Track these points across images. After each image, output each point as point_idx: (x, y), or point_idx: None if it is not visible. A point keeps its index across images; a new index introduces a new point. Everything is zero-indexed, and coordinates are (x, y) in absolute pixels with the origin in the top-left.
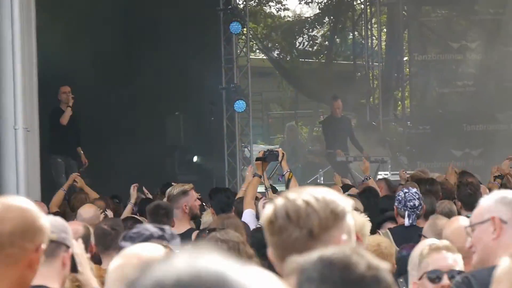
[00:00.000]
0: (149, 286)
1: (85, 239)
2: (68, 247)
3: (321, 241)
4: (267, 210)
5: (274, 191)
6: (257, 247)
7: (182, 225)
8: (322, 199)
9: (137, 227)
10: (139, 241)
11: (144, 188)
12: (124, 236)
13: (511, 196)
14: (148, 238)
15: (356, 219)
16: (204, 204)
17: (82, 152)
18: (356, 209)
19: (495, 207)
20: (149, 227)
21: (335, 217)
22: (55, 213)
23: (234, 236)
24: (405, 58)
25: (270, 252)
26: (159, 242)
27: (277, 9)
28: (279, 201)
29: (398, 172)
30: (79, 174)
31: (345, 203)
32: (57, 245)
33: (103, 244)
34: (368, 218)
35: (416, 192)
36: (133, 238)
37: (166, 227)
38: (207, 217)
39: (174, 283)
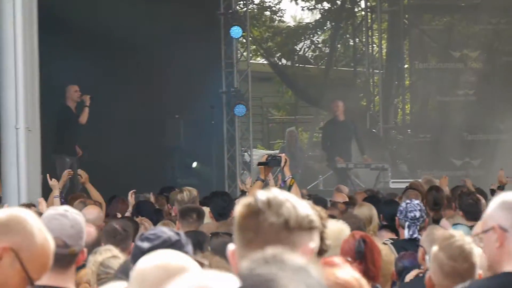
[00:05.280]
0: None
1: (97, 241)
2: None
3: (292, 237)
4: (246, 198)
5: None
6: None
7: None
8: (301, 203)
9: (154, 229)
10: (156, 242)
11: (130, 196)
12: (141, 236)
13: (510, 199)
14: (166, 241)
15: (331, 226)
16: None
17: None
18: (370, 216)
19: (496, 214)
20: (166, 230)
21: (309, 223)
22: None
23: None
24: (406, 66)
25: (236, 237)
26: (176, 246)
27: (279, 16)
28: (261, 192)
29: (398, 180)
30: (71, 172)
31: (318, 221)
32: None
33: (112, 243)
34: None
35: (418, 204)
36: (151, 240)
37: (181, 232)
38: (206, 221)
39: None
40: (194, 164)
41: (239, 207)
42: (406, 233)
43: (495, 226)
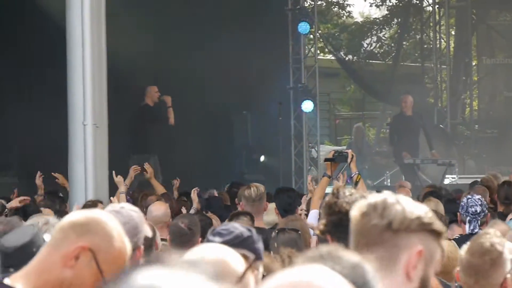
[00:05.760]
0: None
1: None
2: None
3: (398, 239)
4: (361, 202)
5: None
6: None
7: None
8: (416, 206)
9: (226, 224)
10: (228, 238)
11: (193, 193)
12: (213, 231)
13: None
14: (238, 236)
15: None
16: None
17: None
18: (436, 211)
19: None
20: (238, 226)
21: (419, 225)
22: None
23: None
24: (474, 62)
25: (350, 240)
26: (247, 242)
27: (347, 12)
28: (373, 195)
29: (465, 176)
30: (139, 169)
31: (439, 224)
32: None
33: (177, 242)
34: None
35: (479, 199)
36: (222, 235)
37: (253, 228)
38: (271, 217)
39: None
40: (262, 158)
41: (353, 211)
42: (467, 228)
43: None
